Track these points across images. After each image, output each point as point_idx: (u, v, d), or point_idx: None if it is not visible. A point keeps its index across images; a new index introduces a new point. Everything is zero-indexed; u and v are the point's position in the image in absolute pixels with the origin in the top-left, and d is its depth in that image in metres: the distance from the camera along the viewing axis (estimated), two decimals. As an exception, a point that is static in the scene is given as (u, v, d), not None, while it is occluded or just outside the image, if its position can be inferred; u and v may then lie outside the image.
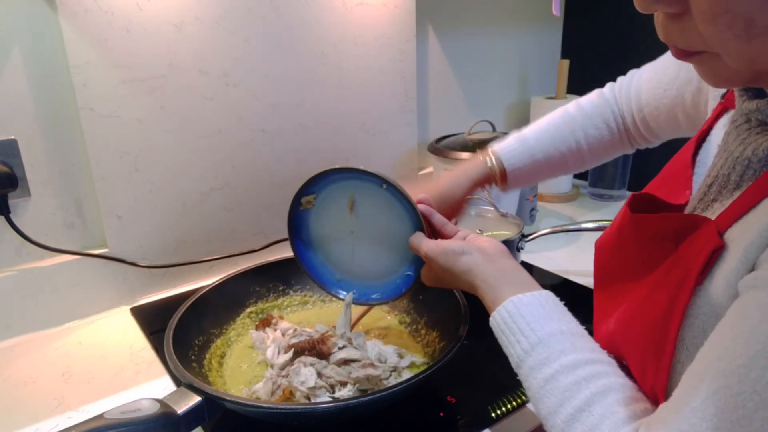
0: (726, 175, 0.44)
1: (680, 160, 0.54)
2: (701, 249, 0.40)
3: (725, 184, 0.44)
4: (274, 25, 0.98)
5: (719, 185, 0.45)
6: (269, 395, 0.67)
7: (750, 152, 0.42)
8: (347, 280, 0.77)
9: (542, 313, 0.49)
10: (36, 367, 0.79)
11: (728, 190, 0.43)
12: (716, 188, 0.45)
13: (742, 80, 0.39)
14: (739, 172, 0.43)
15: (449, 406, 0.69)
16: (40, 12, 0.81)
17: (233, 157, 1.00)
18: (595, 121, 0.76)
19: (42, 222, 0.87)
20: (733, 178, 0.43)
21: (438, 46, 1.28)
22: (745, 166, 0.42)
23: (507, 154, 0.76)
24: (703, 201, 0.46)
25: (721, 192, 0.44)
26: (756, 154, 0.41)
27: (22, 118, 0.82)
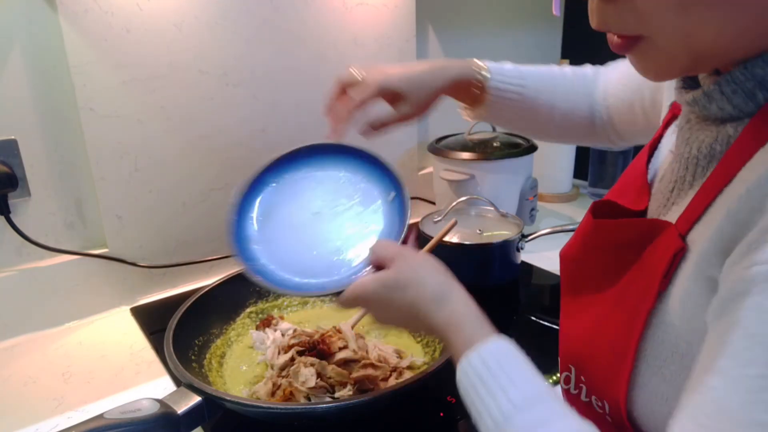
0: (682, 177, 0.43)
1: (635, 167, 0.52)
2: (663, 253, 0.39)
3: (682, 186, 0.43)
4: (274, 25, 0.98)
5: (678, 188, 0.44)
6: (269, 395, 0.67)
7: (695, 150, 0.41)
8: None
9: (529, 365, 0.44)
10: (36, 367, 0.79)
11: (684, 191, 0.43)
12: (676, 192, 0.44)
13: (680, 67, 0.38)
14: (691, 172, 0.42)
15: (449, 406, 0.69)
16: (40, 12, 0.81)
17: (233, 157, 1.00)
18: (582, 90, 0.73)
19: (42, 222, 0.87)
20: (687, 178, 0.42)
21: (438, 46, 1.28)
22: (695, 165, 0.41)
23: (496, 68, 0.70)
24: (665, 206, 0.45)
25: (679, 194, 0.43)
26: (701, 150, 0.41)
27: (22, 118, 0.82)
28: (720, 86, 0.38)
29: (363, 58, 1.10)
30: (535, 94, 0.70)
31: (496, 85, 0.69)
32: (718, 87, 0.38)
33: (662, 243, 0.40)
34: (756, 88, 0.36)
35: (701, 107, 0.40)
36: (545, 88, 0.71)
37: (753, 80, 0.36)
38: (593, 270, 0.48)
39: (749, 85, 0.36)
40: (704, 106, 0.40)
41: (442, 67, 0.68)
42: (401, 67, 0.67)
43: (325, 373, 0.68)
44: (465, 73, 0.69)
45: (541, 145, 1.17)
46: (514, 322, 0.89)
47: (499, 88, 0.69)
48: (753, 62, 0.36)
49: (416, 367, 0.73)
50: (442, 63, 0.69)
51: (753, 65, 0.36)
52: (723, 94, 0.38)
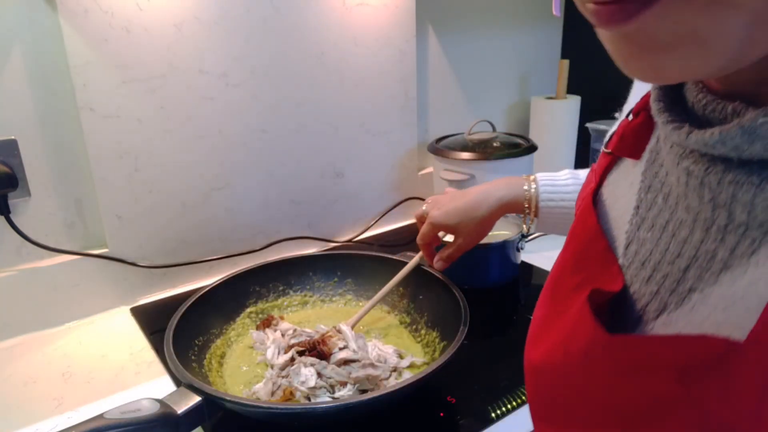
0: (710, 251, 0.29)
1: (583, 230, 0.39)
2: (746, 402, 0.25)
3: (709, 264, 0.29)
4: (274, 25, 0.98)
5: (700, 267, 0.30)
6: (269, 395, 0.67)
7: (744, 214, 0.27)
8: None
9: None
10: (36, 367, 0.79)
11: (712, 273, 0.29)
12: (696, 271, 0.30)
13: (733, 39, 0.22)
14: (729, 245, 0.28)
15: (449, 406, 0.69)
16: (40, 12, 0.81)
17: (233, 157, 1.00)
18: None
19: (42, 222, 0.87)
20: (721, 254, 0.29)
21: (438, 46, 1.28)
22: (739, 236, 0.28)
23: (548, 182, 0.67)
24: (675, 293, 0.31)
25: (701, 278, 0.30)
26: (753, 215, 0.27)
27: (22, 118, 0.82)
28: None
29: (363, 58, 1.10)
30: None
31: (547, 196, 0.67)
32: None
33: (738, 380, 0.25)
34: None
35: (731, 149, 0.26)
36: None
37: None
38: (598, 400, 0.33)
39: None
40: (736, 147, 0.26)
41: (488, 191, 0.70)
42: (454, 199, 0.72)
43: (325, 373, 0.68)
44: (512, 193, 0.70)
45: (541, 145, 1.17)
46: (514, 322, 0.89)
47: (551, 199, 0.67)
48: None
49: (416, 367, 0.73)
50: (487, 189, 0.71)
51: None
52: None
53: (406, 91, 1.19)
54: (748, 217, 0.27)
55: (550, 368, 0.37)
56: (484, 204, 0.70)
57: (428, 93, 1.30)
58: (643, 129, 0.36)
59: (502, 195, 0.70)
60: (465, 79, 1.36)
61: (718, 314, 0.28)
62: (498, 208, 0.70)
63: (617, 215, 0.38)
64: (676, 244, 0.32)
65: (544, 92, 1.49)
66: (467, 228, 0.71)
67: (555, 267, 0.41)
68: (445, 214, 0.72)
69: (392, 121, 1.19)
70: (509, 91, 1.48)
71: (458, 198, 0.72)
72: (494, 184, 0.71)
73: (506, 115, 1.50)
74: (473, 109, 1.40)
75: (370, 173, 1.19)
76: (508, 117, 1.50)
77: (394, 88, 1.17)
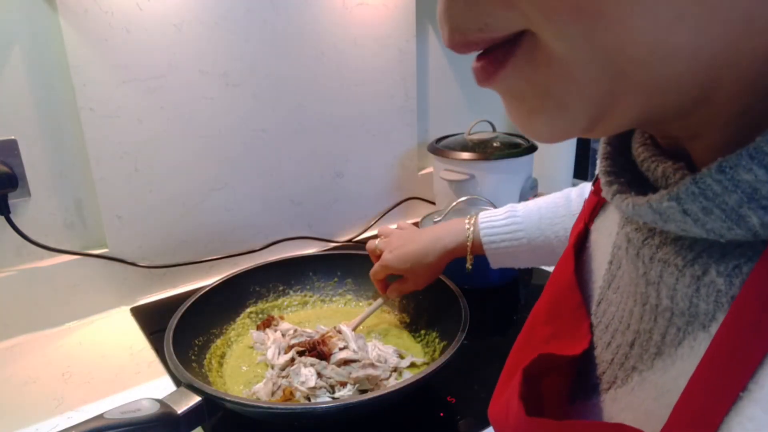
0: (647, 330, 0.27)
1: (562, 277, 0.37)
2: None
3: (647, 345, 0.28)
4: (274, 25, 0.98)
5: (641, 346, 0.28)
6: (269, 395, 0.67)
7: (666, 298, 0.25)
8: None
9: None
10: (36, 367, 0.79)
11: (649, 356, 0.27)
12: (638, 350, 0.28)
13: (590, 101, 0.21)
14: (660, 329, 0.26)
15: (449, 406, 0.69)
16: (40, 12, 0.81)
17: (233, 157, 1.00)
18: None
19: (42, 222, 0.87)
20: (654, 337, 0.27)
21: (438, 46, 1.28)
22: (667, 320, 0.26)
23: (487, 226, 0.70)
24: (623, 368, 0.29)
25: (641, 358, 0.28)
26: (675, 302, 0.25)
27: (22, 118, 0.82)
28: (681, 202, 0.22)
29: (363, 58, 1.10)
30: (539, 233, 0.68)
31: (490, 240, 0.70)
32: (677, 204, 0.22)
33: None
34: (745, 205, 0.20)
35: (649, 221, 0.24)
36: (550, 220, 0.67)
37: (737, 192, 0.20)
38: None
39: (731, 200, 0.20)
40: (654, 222, 0.24)
41: (436, 238, 0.73)
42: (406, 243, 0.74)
43: (325, 373, 0.68)
44: (455, 240, 0.72)
45: (541, 145, 1.17)
46: (514, 322, 0.89)
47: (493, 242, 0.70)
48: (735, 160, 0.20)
49: (416, 367, 0.73)
50: (435, 237, 0.73)
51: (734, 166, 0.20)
52: (687, 215, 0.22)
53: (406, 91, 1.19)
54: (672, 302, 0.25)
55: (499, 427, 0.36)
56: (431, 252, 0.73)
57: (428, 93, 1.30)
58: None
59: (447, 243, 0.72)
60: (465, 79, 1.36)
61: (649, 403, 0.26)
62: (445, 255, 0.73)
63: (596, 266, 0.35)
64: (627, 315, 0.29)
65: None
66: (417, 272, 0.74)
67: (532, 312, 0.39)
68: (396, 258, 0.74)
69: (392, 121, 1.19)
70: (509, 91, 1.48)
71: (409, 243, 0.74)
72: (442, 230, 0.74)
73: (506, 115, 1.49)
74: (473, 109, 1.40)
75: (370, 173, 1.19)
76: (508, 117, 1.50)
77: (394, 88, 1.17)
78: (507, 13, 0.20)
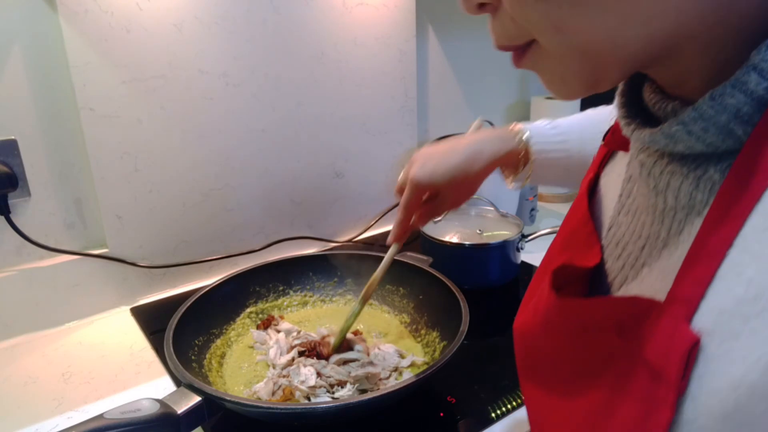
0: (656, 232, 0.35)
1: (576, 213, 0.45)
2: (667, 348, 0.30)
3: (655, 243, 0.35)
4: (274, 25, 0.98)
5: (650, 246, 0.36)
6: (270, 395, 0.67)
7: (672, 199, 0.33)
8: None
9: None
10: (36, 367, 0.79)
11: (657, 250, 0.35)
12: (648, 250, 0.36)
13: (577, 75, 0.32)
14: (666, 227, 0.34)
15: (449, 406, 0.69)
16: (40, 12, 0.81)
17: (233, 157, 1.00)
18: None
19: (42, 222, 0.87)
20: (661, 234, 0.35)
21: (438, 46, 1.28)
22: (671, 218, 0.33)
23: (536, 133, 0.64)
24: (632, 267, 0.37)
25: (651, 254, 0.36)
26: (679, 200, 0.32)
27: (22, 118, 0.82)
28: (685, 125, 0.30)
29: (363, 58, 1.10)
30: (580, 146, 0.64)
31: (541, 148, 0.64)
32: (683, 126, 0.30)
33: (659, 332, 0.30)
34: (732, 122, 0.28)
35: (663, 146, 0.32)
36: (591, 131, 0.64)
37: (725, 113, 0.28)
38: (560, 356, 0.39)
39: (722, 119, 0.28)
40: (666, 146, 0.32)
41: (479, 150, 0.63)
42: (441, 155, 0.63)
43: (325, 372, 0.68)
44: (503, 148, 0.64)
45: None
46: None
47: (544, 150, 0.64)
48: (721, 90, 0.28)
49: (416, 367, 0.73)
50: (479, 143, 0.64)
51: (721, 94, 0.28)
52: (690, 134, 0.30)
53: (406, 91, 1.19)
54: (675, 201, 0.33)
55: (526, 332, 0.44)
56: (478, 159, 0.62)
57: (428, 93, 1.30)
58: None
59: (495, 149, 0.63)
60: (465, 79, 1.36)
61: (657, 283, 0.34)
62: (492, 164, 0.64)
63: (607, 203, 0.43)
64: (639, 226, 0.38)
65: (544, 92, 1.49)
66: (459, 187, 0.64)
67: (547, 251, 0.48)
68: (433, 172, 0.62)
69: (392, 121, 1.19)
70: (509, 91, 1.48)
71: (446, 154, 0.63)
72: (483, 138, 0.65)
73: (506, 115, 1.50)
74: (473, 109, 1.40)
75: (370, 173, 1.19)
76: (508, 117, 1.50)
77: (394, 88, 1.17)
78: (521, 33, 0.32)
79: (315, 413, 0.60)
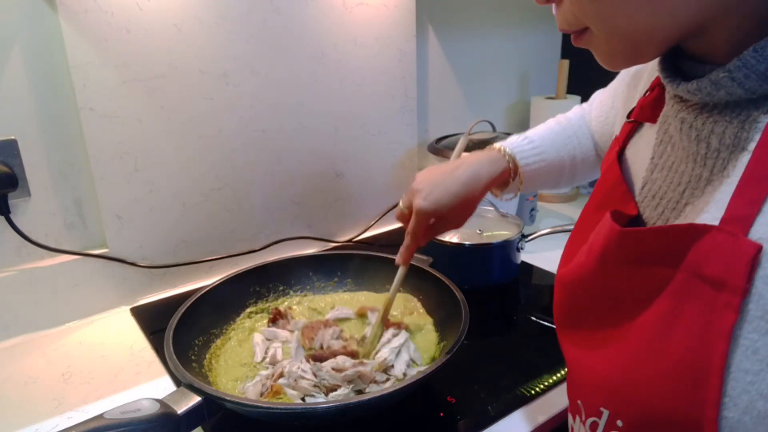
0: (698, 175, 0.42)
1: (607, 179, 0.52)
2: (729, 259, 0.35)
3: (698, 183, 0.42)
4: (274, 26, 0.98)
5: (692, 188, 0.42)
6: (258, 395, 0.67)
7: (716, 143, 0.40)
8: None
9: None
10: (36, 367, 0.79)
11: (699, 189, 0.42)
12: (689, 191, 0.43)
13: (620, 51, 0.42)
14: (709, 168, 0.41)
15: (449, 406, 0.69)
16: (40, 12, 0.81)
17: (233, 157, 1.00)
18: (583, 132, 0.75)
19: (42, 222, 0.87)
20: (704, 175, 0.41)
21: (438, 46, 1.28)
22: (714, 159, 0.40)
23: (518, 150, 0.71)
24: (674, 210, 0.44)
25: (693, 193, 0.42)
26: (723, 142, 0.39)
27: (22, 118, 0.82)
28: (730, 72, 0.37)
29: (363, 58, 1.10)
30: (555, 155, 0.73)
31: (525, 162, 0.71)
32: (729, 74, 0.37)
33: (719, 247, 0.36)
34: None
35: (705, 94, 0.39)
36: (562, 142, 0.74)
37: (765, 62, 0.36)
38: (617, 291, 0.43)
39: (762, 67, 0.36)
40: (709, 93, 0.39)
41: (477, 175, 0.68)
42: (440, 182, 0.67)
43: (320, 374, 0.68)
44: (498, 168, 0.69)
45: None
46: (514, 322, 0.89)
47: (528, 164, 0.71)
48: (763, 44, 0.36)
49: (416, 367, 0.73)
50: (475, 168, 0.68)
51: (763, 47, 0.36)
52: (734, 80, 0.37)
53: (406, 91, 1.19)
54: (719, 143, 0.40)
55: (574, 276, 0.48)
56: (477, 185, 0.67)
57: (428, 93, 1.30)
58: (657, 100, 0.49)
59: (490, 172, 0.68)
60: (465, 79, 1.36)
61: (702, 215, 0.40)
62: (489, 185, 0.69)
63: (637, 168, 0.50)
64: (678, 176, 0.44)
65: (544, 92, 1.49)
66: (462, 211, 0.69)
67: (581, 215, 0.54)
68: (437, 202, 0.66)
69: (392, 121, 1.19)
70: (509, 91, 1.48)
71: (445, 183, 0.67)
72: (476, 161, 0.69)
73: (506, 115, 1.50)
74: (473, 109, 1.40)
75: (370, 173, 1.19)
76: (508, 117, 1.50)
77: (394, 88, 1.17)
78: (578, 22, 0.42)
79: (315, 413, 0.60)
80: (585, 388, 0.45)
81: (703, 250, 0.37)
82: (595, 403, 0.43)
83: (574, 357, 0.48)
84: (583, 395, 0.46)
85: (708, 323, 0.36)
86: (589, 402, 0.44)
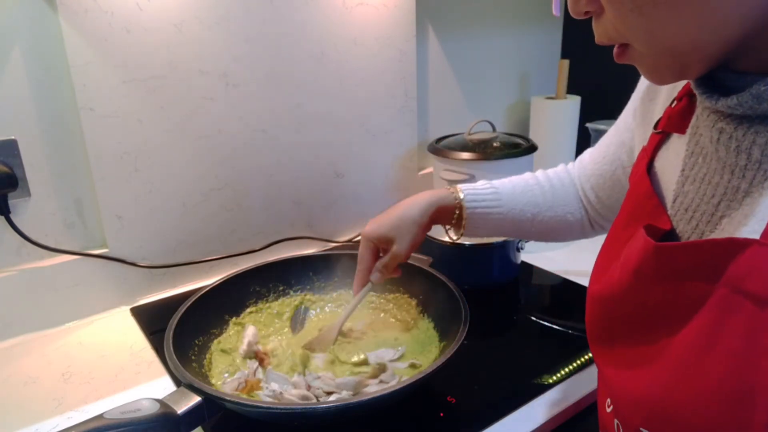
0: (735, 187, 0.40)
1: (637, 193, 0.51)
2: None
3: (735, 195, 0.41)
4: (274, 26, 0.98)
5: (729, 199, 0.41)
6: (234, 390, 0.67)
7: (758, 154, 0.39)
8: None
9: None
10: (36, 367, 0.79)
11: (737, 201, 0.40)
12: (725, 204, 0.41)
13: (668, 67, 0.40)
14: (748, 179, 0.39)
15: (449, 406, 0.69)
16: (40, 12, 0.81)
17: (233, 157, 1.00)
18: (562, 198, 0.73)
19: (42, 222, 0.87)
20: (742, 187, 0.40)
21: (438, 46, 1.28)
22: (755, 170, 0.39)
23: (471, 192, 0.72)
24: (708, 223, 0.43)
25: (729, 205, 0.41)
26: (766, 153, 0.38)
27: (22, 118, 0.82)
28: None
29: (363, 58, 1.10)
30: (514, 206, 0.72)
31: (471, 203, 0.71)
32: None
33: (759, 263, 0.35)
34: None
35: (747, 108, 0.38)
36: (528, 198, 0.72)
37: None
38: (654, 308, 0.42)
39: None
40: (751, 107, 0.38)
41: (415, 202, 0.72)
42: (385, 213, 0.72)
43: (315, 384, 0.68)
44: (441, 198, 0.71)
45: (541, 145, 1.17)
46: (514, 322, 0.89)
47: (475, 206, 0.71)
48: None
49: (416, 367, 0.73)
50: (416, 198, 0.72)
51: None
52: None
53: (406, 91, 1.19)
54: (762, 155, 0.38)
55: (608, 292, 0.47)
56: (415, 208, 0.70)
57: (428, 93, 1.30)
58: (685, 110, 0.48)
59: (431, 199, 0.71)
60: (465, 79, 1.36)
61: (741, 228, 0.39)
62: (429, 208, 0.71)
63: (667, 180, 0.49)
64: (711, 188, 0.43)
65: (544, 92, 1.49)
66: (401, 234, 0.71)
67: (611, 230, 0.52)
68: (377, 226, 0.71)
69: (392, 121, 1.19)
70: (509, 91, 1.48)
71: (389, 211, 0.72)
72: (423, 194, 0.73)
73: (506, 115, 1.50)
74: (473, 109, 1.40)
75: (370, 173, 1.19)
76: (508, 117, 1.50)
77: (394, 88, 1.17)
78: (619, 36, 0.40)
79: (315, 413, 0.60)
80: (623, 408, 0.44)
81: (744, 264, 0.35)
82: (633, 423, 0.42)
83: (610, 375, 0.46)
84: (622, 415, 0.45)
85: (752, 341, 0.35)
86: (628, 422, 0.43)
